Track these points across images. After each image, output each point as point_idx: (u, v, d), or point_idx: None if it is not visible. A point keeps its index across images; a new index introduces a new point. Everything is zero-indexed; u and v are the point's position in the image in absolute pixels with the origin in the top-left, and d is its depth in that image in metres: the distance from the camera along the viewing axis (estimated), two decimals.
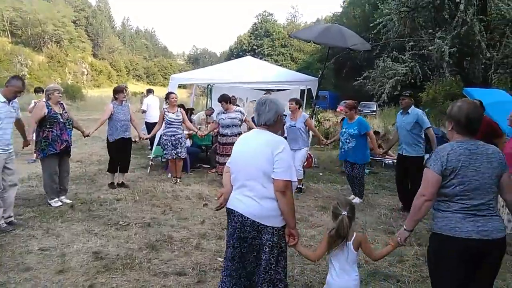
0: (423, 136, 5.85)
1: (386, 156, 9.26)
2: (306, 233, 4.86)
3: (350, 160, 6.35)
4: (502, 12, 8.21)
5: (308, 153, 8.69)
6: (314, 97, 8.83)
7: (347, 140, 6.33)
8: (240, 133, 7.33)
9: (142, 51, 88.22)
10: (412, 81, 8.80)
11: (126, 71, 71.98)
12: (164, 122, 7.22)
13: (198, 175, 8.02)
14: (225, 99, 7.23)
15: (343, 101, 33.94)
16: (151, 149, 9.67)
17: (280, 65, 25.25)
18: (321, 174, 8.55)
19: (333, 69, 32.97)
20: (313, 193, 6.95)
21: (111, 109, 6.44)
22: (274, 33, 67.37)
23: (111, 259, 3.93)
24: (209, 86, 12.02)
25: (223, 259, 4.03)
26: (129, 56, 78.54)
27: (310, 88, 10.45)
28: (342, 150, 6.50)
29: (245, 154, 2.61)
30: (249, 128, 7.64)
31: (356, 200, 6.37)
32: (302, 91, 11.84)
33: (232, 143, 7.05)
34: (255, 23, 70.94)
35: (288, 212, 2.53)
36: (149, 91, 11.60)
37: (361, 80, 9.63)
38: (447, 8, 8.54)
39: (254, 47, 65.74)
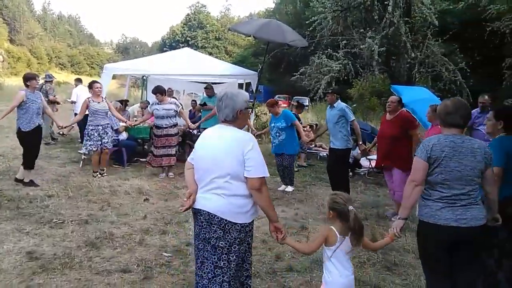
0: (348, 129, 6.18)
1: (321, 149, 9.70)
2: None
3: (283, 151, 6.64)
4: (425, 16, 8.95)
5: None
6: (254, 91, 8.93)
7: (277, 134, 6.62)
8: (176, 125, 7.27)
9: (66, 38, 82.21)
10: (345, 77, 9.28)
11: (48, 58, 66.63)
12: (89, 112, 6.85)
13: (136, 169, 7.74)
14: (160, 91, 7.09)
15: (277, 96, 34.76)
16: (81, 142, 9.15)
17: (215, 58, 25.11)
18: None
19: (268, 63, 33.55)
20: None
21: (22, 96, 5.90)
22: (208, 25, 66.59)
23: (48, 259, 3.68)
24: (144, 77, 11.62)
25: (169, 254, 3.99)
26: (51, 43, 72.72)
27: (248, 82, 10.58)
28: (274, 144, 6.78)
29: (211, 151, 2.49)
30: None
31: (289, 188, 6.74)
32: (240, 85, 11.95)
33: (168, 135, 7.11)
34: (188, 14, 69.54)
35: (267, 206, 2.50)
36: (78, 81, 10.92)
37: (298, 76, 9.93)
38: (376, 10, 9.09)
39: (188, 38, 64.47)
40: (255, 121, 12.40)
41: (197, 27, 66.47)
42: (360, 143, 6.43)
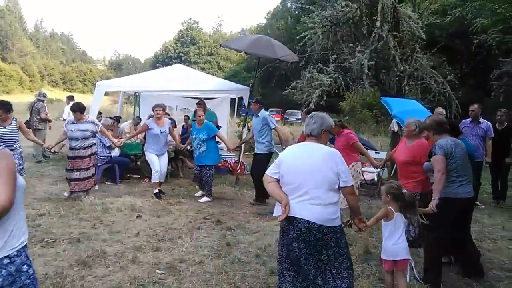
0: (272, 136, 6.83)
1: None
2: (244, 240, 4.93)
3: (203, 163, 6.88)
4: (412, 30, 9.09)
5: (241, 161, 8.82)
6: (246, 106, 8.99)
7: (199, 145, 6.85)
8: (91, 145, 6.62)
9: (58, 56, 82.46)
10: (336, 91, 9.35)
11: (40, 76, 66.62)
12: None
13: (129, 185, 7.72)
14: (81, 109, 6.54)
15: (270, 109, 34.92)
16: None
17: (208, 73, 25.24)
18: None
19: (260, 78, 33.76)
20: (247, 200, 7.05)
21: None
22: (200, 41, 67.17)
23: (39, 279, 3.58)
24: (137, 94, 11.65)
25: (162, 271, 3.96)
26: (43, 60, 72.82)
27: (240, 97, 10.65)
28: (195, 154, 7.02)
29: (307, 165, 2.81)
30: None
31: (204, 199, 6.86)
32: (233, 100, 12.02)
33: (81, 156, 6.51)
34: (180, 30, 70.13)
35: (357, 205, 3.06)
36: (71, 99, 10.92)
37: (289, 90, 10.00)
38: (365, 24, 9.23)
39: (180, 54, 64.92)
40: (248, 135, 12.44)
41: (190, 43, 67.02)
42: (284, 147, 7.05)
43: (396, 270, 3.37)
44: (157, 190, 6.94)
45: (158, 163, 6.90)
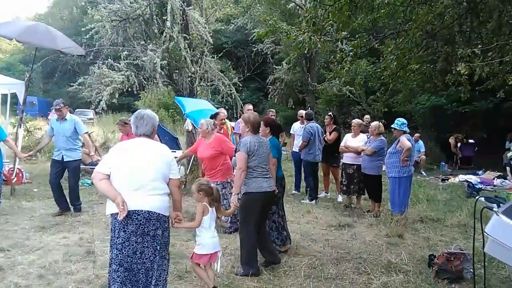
0: (81, 140, 6.37)
1: None
2: (23, 260, 4.20)
3: None
4: (201, 33, 9.60)
5: (17, 168, 7.57)
6: (22, 103, 7.73)
7: None
8: None
9: None
10: (130, 89, 9.01)
11: None
12: None
13: None
14: None
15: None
16: None
17: None
18: (35, 190, 7.57)
19: (41, 72, 29.74)
20: (27, 212, 6.07)
21: None
22: None
23: None
24: None
25: None
26: None
27: (14, 93, 9.09)
28: None
29: (146, 160, 2.96)
30: None
31: None
32: (4, 96, 10.15)
33: None
34: None
35: (180, 199, 3.27)
36: None
37: (76, 86, 9.11)
38: (156, 23, 9.21)
39: None
40: (26, 138, 10.80)
41: None
42: (92, 154, 6.92)
43: (208, 262, 3.49)
44: None
45: None
